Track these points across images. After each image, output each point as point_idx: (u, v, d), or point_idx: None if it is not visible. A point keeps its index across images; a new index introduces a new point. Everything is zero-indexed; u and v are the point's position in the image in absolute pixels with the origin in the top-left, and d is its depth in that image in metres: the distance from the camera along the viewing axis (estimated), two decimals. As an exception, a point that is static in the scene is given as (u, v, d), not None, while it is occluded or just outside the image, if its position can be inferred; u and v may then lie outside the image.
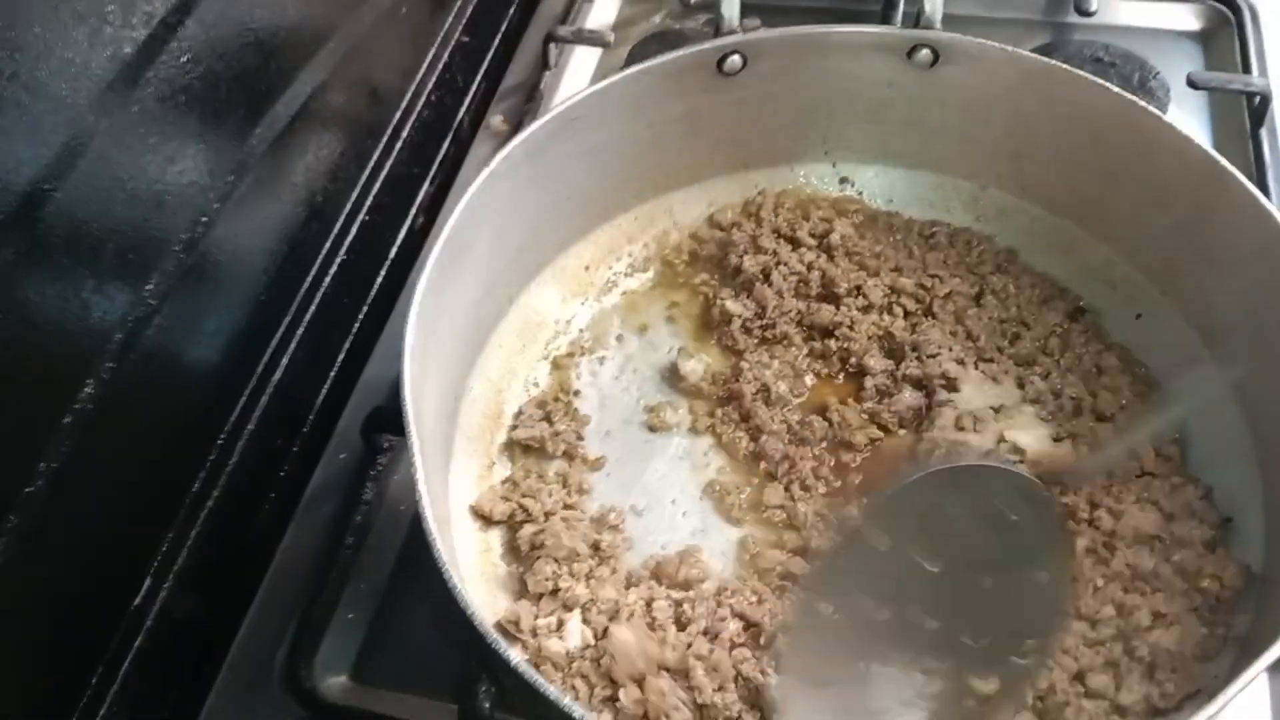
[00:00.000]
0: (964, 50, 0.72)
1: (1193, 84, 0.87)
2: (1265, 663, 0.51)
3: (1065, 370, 0.73)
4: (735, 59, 0.74)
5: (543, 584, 0.64)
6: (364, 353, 0.80)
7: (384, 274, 0.85)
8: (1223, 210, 0.66)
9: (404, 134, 0.87)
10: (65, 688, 0.59)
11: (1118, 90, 0.69)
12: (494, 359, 0.75)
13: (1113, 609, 0.62)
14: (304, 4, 0.70)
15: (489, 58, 0.99)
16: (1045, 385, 0.72)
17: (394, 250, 0.86)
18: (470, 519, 0.69)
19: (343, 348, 0.80)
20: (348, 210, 0.81)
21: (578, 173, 0.75)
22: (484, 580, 0.67)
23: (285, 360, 0.73)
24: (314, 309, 0.76)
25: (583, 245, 0.80)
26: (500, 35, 1.01)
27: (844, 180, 0.84)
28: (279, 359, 0.73)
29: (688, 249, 0.82)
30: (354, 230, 0.81)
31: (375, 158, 0.84)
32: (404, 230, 0.87)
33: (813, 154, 0.83)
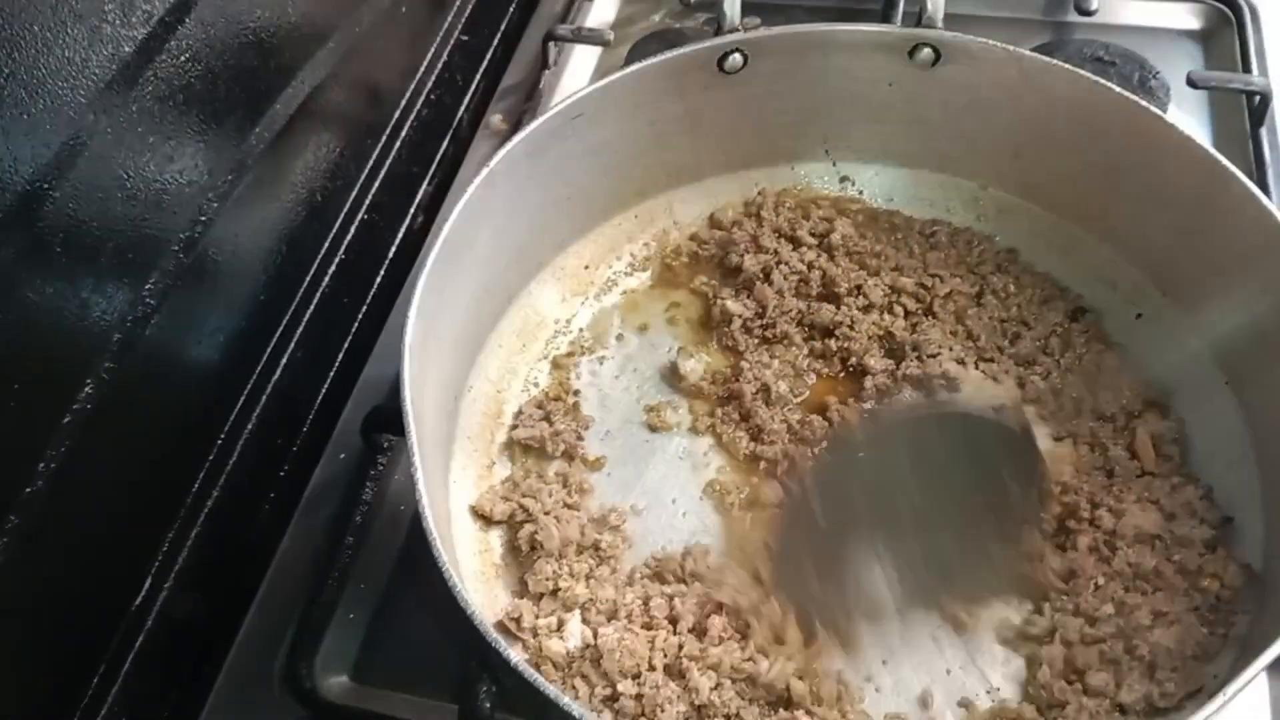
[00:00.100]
0: (965, 49, 0.72)
1: (1193, 83, 0.87)
2: (1265, 663, 0.51)
3: (1065, 370, 0.73)
4: (736, 58, 0.74)
5: (543, 584, 0.64)
6: (363, 352, 0.80)
7: (383, 273, 0.85)
8: (1223, 210, 0.66)
9: (403, 133, 0.87)
10: (66, 688, 0.59)
11: (1118, 90, 0.69)
12: (494, 358, 0.75)
13: (1113, 608, 0.62)
14: (304, 4, 0.70)
15: (488, 57, 0.99)
16: (1045, 385, 0.72)
17: (393, 250, 0.86)
18: (470, 519, 0.69)
19: (342, 347, 0.80)
20: (347, 209, 0.80)
21: (578, 172, 0.75)
22: (484, 580, 0.67)
23: (285, 360, 0.73)
24: (313, 309, 0.76)
25: (583, 244, 0.80)
26: (500, 34, 1.00)
27: (844, 179, 0.84)
28: (278, 359, 0.73)
29: (687, 250, 0.82)
30: (353, 230, 0.81)
31: (374, 157, 0.84)
32: (403, 230, 0.87)
33: (813, 153, 0.83)
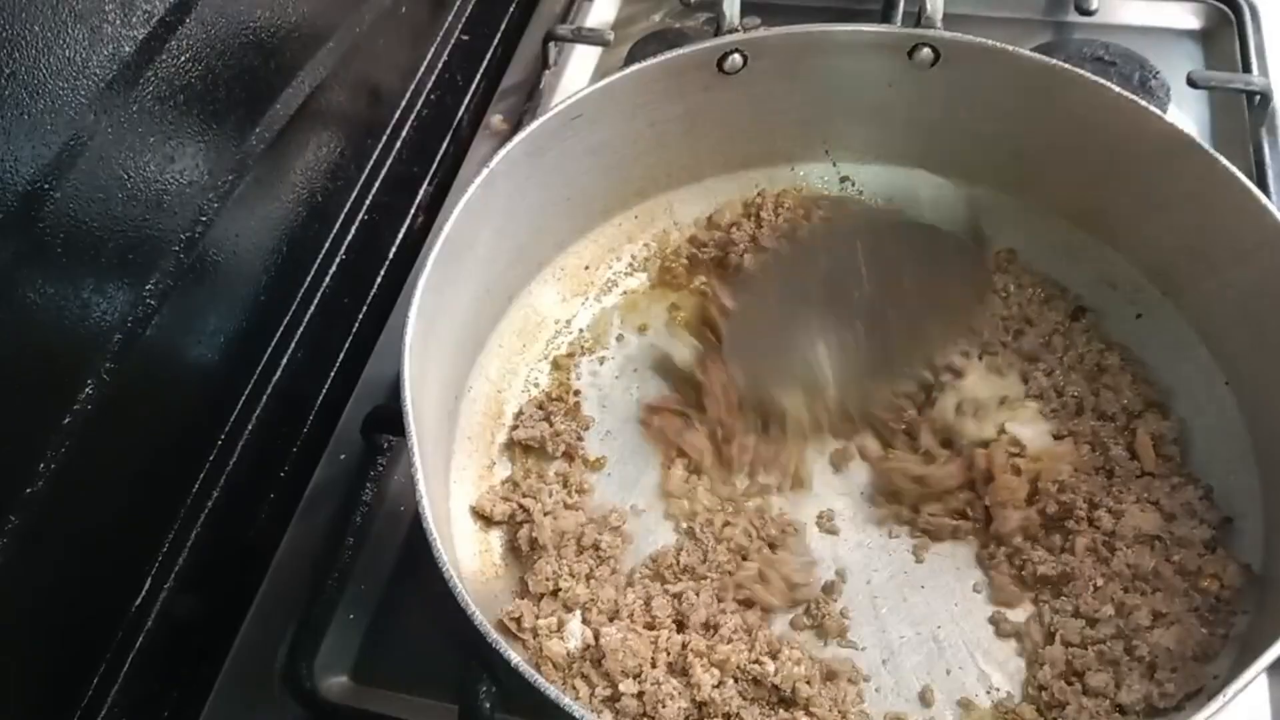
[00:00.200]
0: (965, 49, 0.72)
1: (1193, 83, 0.87)
2: (1265, 663, 0.51)
3: (1068, 369, 0.73)
4: (736, 58, 0.74)
5: (543, 584, 0.64)
6: (364, 352, 0.80)
7: (384, 273, 0.85)
8: (1223, 210, 0.66)
9: (404, 133, 0.87)
10: (66, 688, 0.59)
11: (1118, 89, 0.69)
12: (494, 359, 0.75)
13: (1113, 608, 0.62)
14: (304, 3, 0.70)
15: (489, 57, 0.99)
16: (1048, 382, 0.72)
17: (394, 250, 0.86)
18: (470, 519, 0.69)
19: (343, 347, 0.80)
20: (347, 209, 0.81)
21: (578, 172, 0.75)
22: (484, 580, 0.67)
23: (285, 360, 0.73)
24: (314, 309, 0.76)
25: (583, 244, 0.80)
26: (500, 34, 1.00)
27: (844, 180, 0.84)
28: (279, 359, 0.73)
29: (686, 251, 0.82)
30: (354, 229, 0.81)
31: (375, 157, 0.84)
32: (404, 229, 0.87)
33: (813, 153, 0.83)
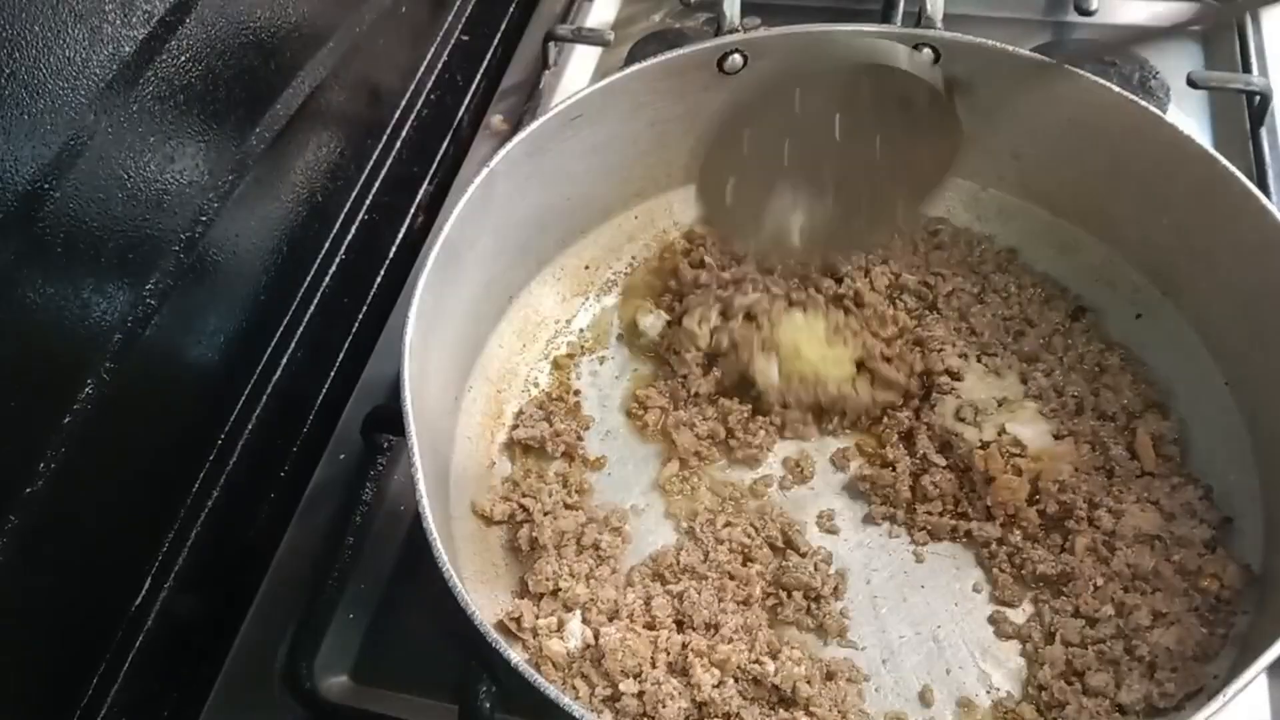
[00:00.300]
0: (965, 49, 0.72)
1: (1193, 83, 0.87)
2: (1265, 663, 0.51)
3: (1068, 369, 0.73)
4: (736, 58, 0.74)
5: (543, 584, 0.64)
6: (364, 352, 0.80)
7: (384, 273, 0.85)
8: (1223, 210, 0.66)
9: (404, 133, 0.87)
10: (66, 688, 0.59)
11: (1118, 90, 0.69)
12: (494, 359, 0.75)
13: (1113, 608, 0.62)
14: (304, 3, 0.70)
15: (489, 57, 0.99)
16: (1048, 382, 0.72)
17: (394, 249, 0.86)
18: (470, 519, 0.69)
19: (342, 347, 0.80)
20: (347, 209, 0.81)
21: (578, 172, 0.75)
22: (484, 580, 0.67)
23: (285, 360, 0.73)
24: (314, 309, 0.76)
25: (583, 244, 0.80)
26: (500, 34, 1.00)
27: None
28: (279, 359, 0.73)
29: (681, 248, 0.81)
30: (354, 229, 0.81)
31: (375, 157, 0.84)
32: (404, 229, 0.87)
33: (813, 153, 0.83)
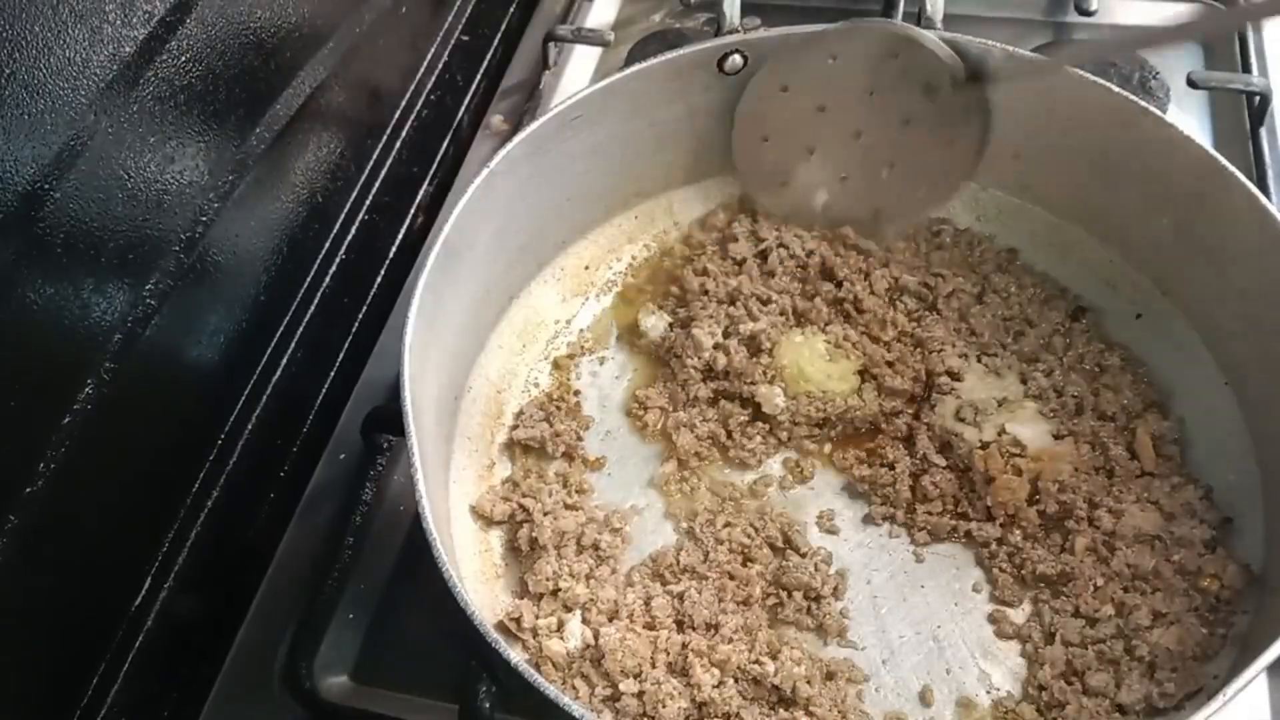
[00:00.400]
0: (965, 50, 0.72)
1: (1193, 84, 0.87)
2: (1265, 663, 0.51)
3: (1068, 369, 0.73)
4: (736, 58, 0.74)
5: (543, 584, 0.64)
6: (364, 352, 0.80)
7: (384, 273, 0.85)
8: (1223, 210, 0.66)
9: (404, 133, 0.87)
10: (66, 688, 0.59)
11: (1118, 90, 0.69)
12: (494, 359, 0.75)
13: (1113, 608, 0.62)
14: (304, 3, 0.70)
15: (489, 57, 0.99)
16: (1048, 383, 0.72)
17: (394, 250, 0.86)
18: (470, 519, 0.69)
19: (342, 347, 0.80)
20: (347, 209, 0.81)
21: (578, 172, 0.75)
22: (484, 580, 0.67)
23: (285, 360, 0.73)
24: (314, 309, 0.76)
25: (583, 245, 0.81)
26: (500, 34, 1.01)
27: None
28: (279, 359, 0.73)
29: (681, 252, 0.81)
30: (354, 229, 0.81)
31: (375, 157, 0.84)
32: (404, 230, 0.87)
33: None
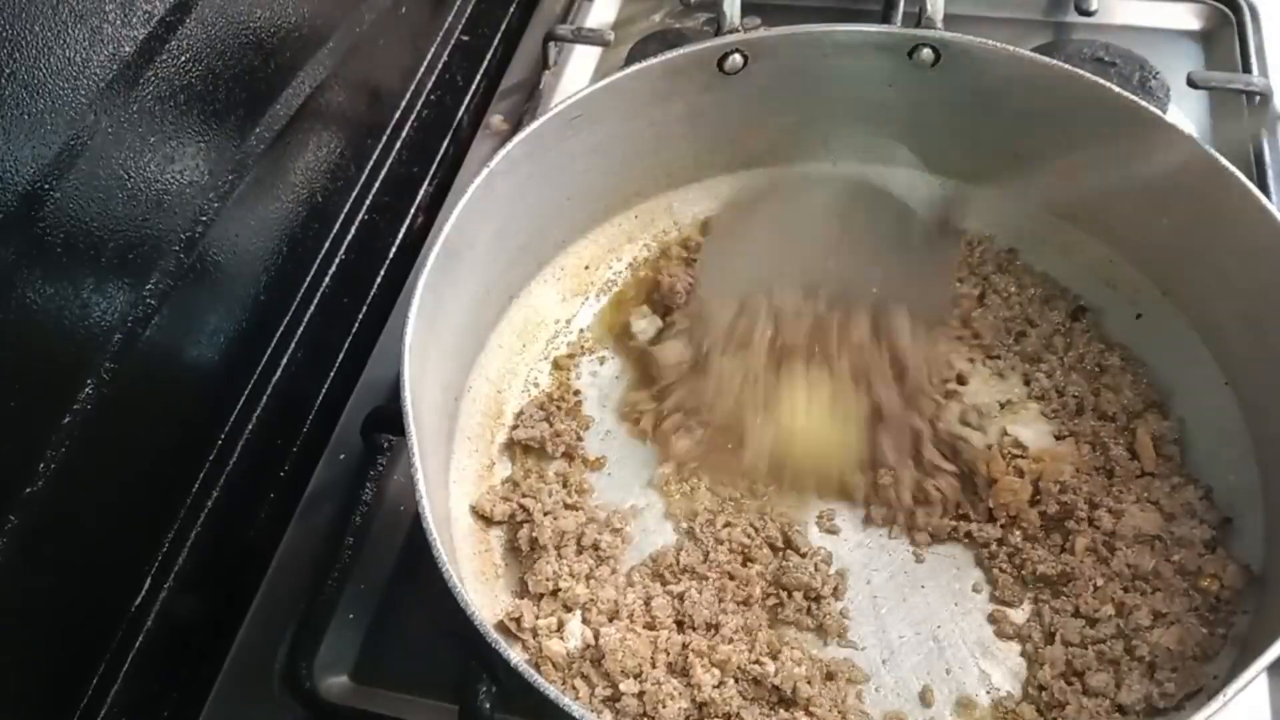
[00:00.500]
0: (965, 49, 0.72)
1: (1193, 84, 0.87)
2: (1265, 663, 0.51)
3: (1069, 369, 0.73)
4: (736, 58, 0.74)
5: (543, 584, 0.64)
6: (364, 352, 0.80)
7: (384, 273, 0.85)
8: (1223, 210, 0.66)
9: (403, 133, 0.87)
10: (66, 688, 0.59)
11: (1118, 90, 0.69)
12: (494, 359, 0.75)
13: (1113, 608, 0.62)
14: (304, 3, 0.70)
15: (489, 57, 0.99)
16: (1049, 383, 0.72)
17: (394, 250, 0.86)
18: (470, 519, 0.69)
19: (342, 347, 0.80)
20: (347, 209, 0.81)
21: (578, 172, 0.75)
22: (484, 580, 0.67)
23: (285, 360, 0.73)
24: (314, 309, 0.76)
25: (583, 244, 0.80)
26: (500, 34, 1.01)
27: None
28: (279, 359, 0.73)
29: (677, 255, 0.81)
30: (354, 229, 0.81)
31: (375, 157, 0.84)
32: (403, 229, 0.87)
33: (813, 153, 0.83)
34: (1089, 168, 0.74)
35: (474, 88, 0.97)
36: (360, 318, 0.82)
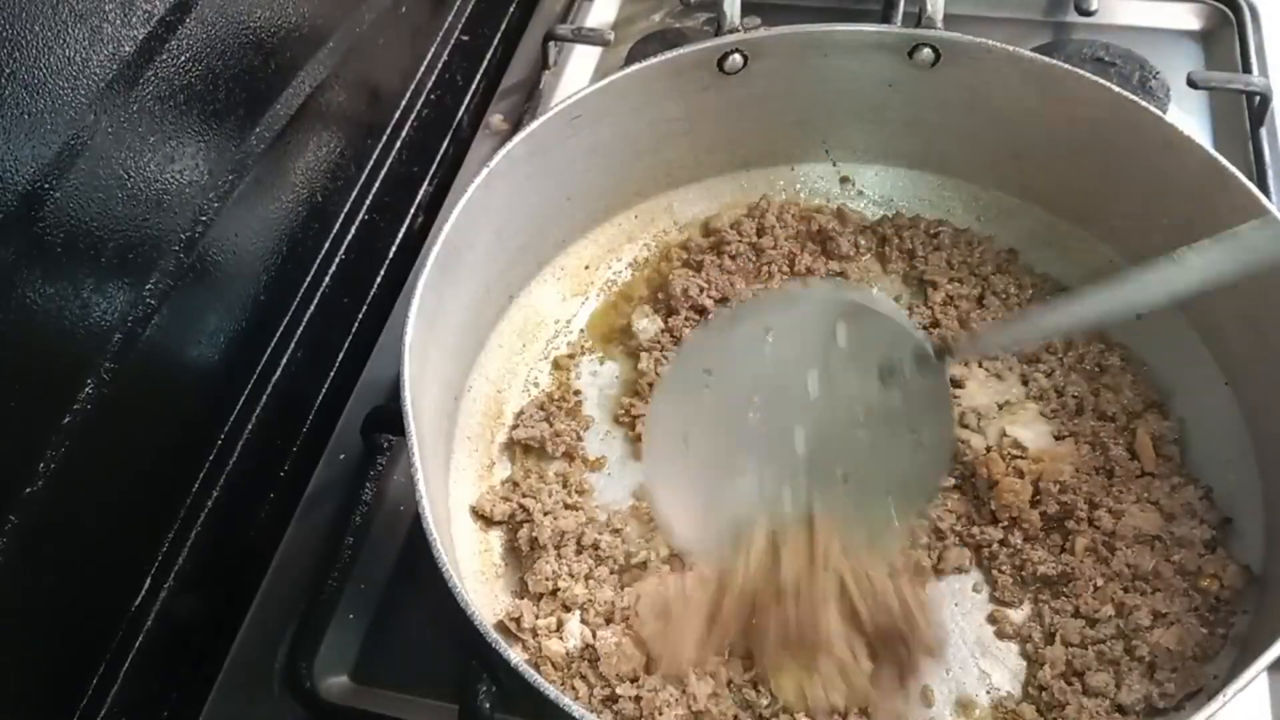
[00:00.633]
0: (965, 50, 0.72)
1: (1193, 84, 0.87)
2: (1265, 663, 0.51)
3: (1068, 369, 0.73)
4: (736, 58, 0.74)
5: (543, 584, 0.64)
6: (364, 352, 0.80)
7: (384, 273, 0.85)
8: (1223, 210, 0.66)
9: (403, 133, 0.87)
10: (66, 688, 0.59)
11: (1118, 90, 0.69)
12: (494, 359, 0.75)
13: (1112, 609, 0.62)
14: (304, 3, 0.70)
15: (488, 57, 0.99)
16: (1049, 383, 0.72)
17: (394, 249, 0.86)
18: (470, 519, 0.69)
19: (342, 347, 0.80)
20: (347, 209, 0.81)
21: (578, 171, 0.75)
22: (484, 580, 0.67)
23: (285, 360, 0.73)
24: (314, 309, 0.76)
25: (583, 244, 0.80)
26: (500, 34, 1.01)
27: (845, 180, 0.84)
28: (279, 359, 0.73)
29: (678, 257, 0.81)
30: (354, 229, 0.81)
31: (375, 157, 0.84)
32: (404, 229, 0.87)
33: (813, 154, 0.83)
34: (1089, 168, 0.74)
35: (474, 87, 0.97)
36: (360, 318, 0.82)
